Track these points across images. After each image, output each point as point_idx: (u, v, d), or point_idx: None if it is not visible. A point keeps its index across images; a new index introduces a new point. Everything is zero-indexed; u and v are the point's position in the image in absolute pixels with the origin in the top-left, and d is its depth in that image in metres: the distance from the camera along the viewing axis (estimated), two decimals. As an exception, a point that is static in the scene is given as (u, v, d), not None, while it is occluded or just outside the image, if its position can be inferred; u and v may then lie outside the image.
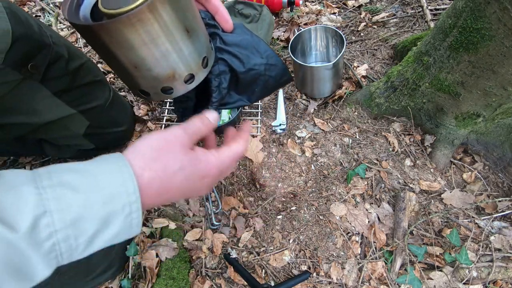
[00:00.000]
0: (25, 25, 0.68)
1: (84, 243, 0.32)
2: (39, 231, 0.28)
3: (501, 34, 0.71)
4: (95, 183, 0.32)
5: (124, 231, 0.34)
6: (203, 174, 0.40)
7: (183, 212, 1.04)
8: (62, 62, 0.79)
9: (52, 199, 0.29)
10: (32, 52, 0.70)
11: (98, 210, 0.31)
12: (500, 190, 1.02)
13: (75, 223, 0.30)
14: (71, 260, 0.33)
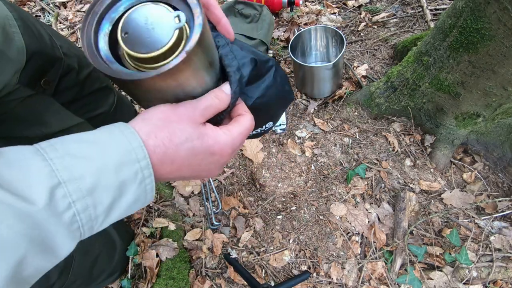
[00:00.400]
0: (37, 38, 0.65)
1: (104, 213, 0.32)
2: (57, 203, 0.28)
3: (501, 34, 0.71)
4: (103, 151, 0.31)
5: (140, 198, 0.34)
6: (212, 150, 0.38)
7: (183, 212, 1.04)
8: (73, 74, 0.77)
9: (63, 170, 0.29)
10: (45, 68, 0.68)
11: (112, 178, 0.31)
12: (500, 190, 1.02)
13: (91, 192, 0.30)
14: (92, 232, 0.32)
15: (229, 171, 1.10)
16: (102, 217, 0.32)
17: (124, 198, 0.33)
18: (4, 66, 0.56)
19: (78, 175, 0.29)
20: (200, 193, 1.07)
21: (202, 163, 0.38)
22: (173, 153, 0.35)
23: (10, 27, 0.57)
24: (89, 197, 0.30)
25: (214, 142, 0.38)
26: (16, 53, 0.58)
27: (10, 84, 0.59)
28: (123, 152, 0.32)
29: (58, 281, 0.65)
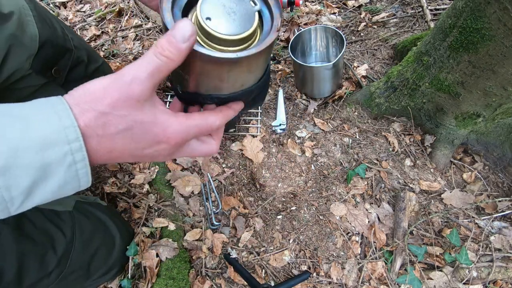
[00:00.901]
0: (50, 28, 0.68)
1: (21, 195, 0.29)
2: None
3: (501, 34, 0.71)
4: (26, 127, 0.28)
5: (70, 182, 0.31)
6: (158, 139, 0.34)
7: (183, 212, 1.04)
8: (82, 66, 0.80)
9: None
10: (56, 57, 0.71)
11: (32, 158, 0.28)
12: (500, 190, 1.02)
13: (5, 172, 0.27)
14: (10, 214, 0.30)
15: (229, 171, 1.10)
16: (19, 199, 0.29)
17: (49, 181, 0.29)
18: (18, 50, 0.59)
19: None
20: (200, 193, 1.07)
21: (146, 151, 0.34)
22: (110, 143, 0.32)
23: (26, 16, 0.61)
24: (1, 177, 0.27)
25: (161, 130, 0.33)
26: (29, 39, 0.61)
27: (23, 69, 0.62)
28: (50, 130, 0.28)
29: (56, 270, 0.65)
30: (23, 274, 0.59)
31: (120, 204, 1.06)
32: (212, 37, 0.32)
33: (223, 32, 0.32)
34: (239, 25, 0.33)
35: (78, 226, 0.73)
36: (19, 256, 0.58)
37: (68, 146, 0.29)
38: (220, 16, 0.32)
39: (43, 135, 0.28)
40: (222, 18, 0.32)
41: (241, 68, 0.35)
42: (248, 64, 0.35)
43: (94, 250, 0.78)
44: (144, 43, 1.54)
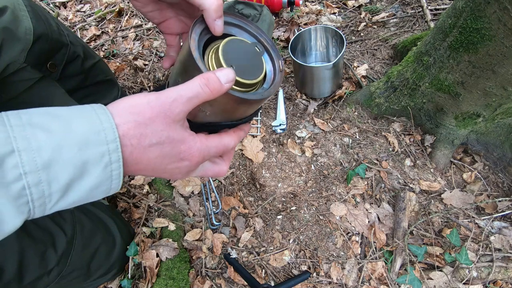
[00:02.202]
0: (45, 23, 0.69)
1: (59, 191, 0.29)
2: (6, 172, 0.26)
3: (501, 34, 0.71)
4: (69, 127, 0.29)
5: (104, 183, 0.32)
6: (183, 156, 0.36)
7: (183, 212, 1.04)
8: (78, 61, 0.80)
9: (21, 138, 0.27)
10: (51, 51, 0.72)
11: (73, 155, 0.29)
12: (500, 190, 1.02)
13: (47, 167, 0.28)
14: (45, 212, 0.30)
15: (229, 171, 1.10)
16: (57, 196, 0.30)
17: (85, 179, 0.30)
18: (12, 43, 0.60)
19: (35, 147, 0.27)
20: (200, 193, 1.07)
21: (168, 167, 0.37)
22: (140, 155, 0.34)
23: (20, 11, 0.62)
24: (44, 171, 0.28)
25: (187, 148, 0.36)
26: (23, 33, 0.62)
27: (17, 62, 0.62)
28: (91, 130, 0.30)
29: (56, 268, 0.66)
30: (24, 271, 0.59)
31: (120, 204, 1.06)
32: (236, 82, 0.38)
33: (245, 78, 0.39)
34: (253, 70, 0.40)
35: (79, 225, 0.73)
36: (20, 253, 0.59)
37: (106, 146, 0.30)
38: (239, 63, 0.39)
39: (84, 134, 0.30)
40: (240, 65, 0.39)
41: (258, 104, 0.42)
42: (261, 102, 0.41)
43: (95, 249, 0.78)
44: (144, 43, 1.54)
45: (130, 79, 1.36)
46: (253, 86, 0.41)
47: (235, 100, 0.38)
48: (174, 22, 0.51)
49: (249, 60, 0.40)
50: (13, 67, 0.62)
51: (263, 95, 0.40)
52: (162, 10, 0.49)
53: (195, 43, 0.39)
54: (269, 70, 0.44)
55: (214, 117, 0.42)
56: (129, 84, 1.34)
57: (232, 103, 0.39)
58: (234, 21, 0.45)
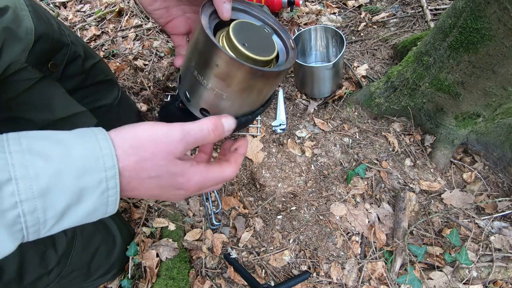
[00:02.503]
0: (46, 23, 0.69)
1: (54, 218, 0.30)
2: (2, 199, 0.26)
3: (501, 34, 0.71)
4: (68, 153, 0.30)
5: (100, 208, 0.32)
6: (180, 187, 0.38)
7: (183, 212, 1.04)
8: (79, 61, 0.80)
9: (19, 166, 0.27)
10: (52, 51, 0.71)
11: (71, 182, 0.29)
12: (500, 190, 1.02)
13: (44, 194, 0.28)
14: (39, 236, 0.30)
15: (229, 171, 1.10)
16: (51, 222, 0.30)
17: (81, 206, 0.31)
18: (13, 43, 0.60)
19: (33, 174, 0.28)
20: (200, 193, 1.07)
21: (165, 194, 0.38)
22: (137, 185, 0.34)
23: (21, 11, 0.62)
24: (40, 199, 0.28)
25: (185, 180, 0.37)
26: (24, 32, 0.62)
27: (18, 62, 0.62)
28: (90, 157, 0.30)
29: (56, 268, 0.66)
30: (24, 271, 0.59)
31: (120, 204, 1.06)
32: (251, 59, 0.39)
33: (259, 55, 0.39)
34: (266, 48, 0.40)
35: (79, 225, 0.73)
36: (20, 253, 0.59)
37: (104, 173, 0.31)
38: (250, 42, 0.39)
39: (83, 161, 0.30)
40: (252, 44, 0.39)
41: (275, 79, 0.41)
42: (278, 79, 0.42)
43: (95, 249, 0.78)
44: (144, 43, 1.54)
45: (130, 79, 1.36)
46: (268, 63, 0.41)
47: (253, 73, 0.38)
48: (180, 21, 0.52)
49: (260, 40, 0.41)
50: (14, 67, 0.62)
51: (279, 68, 0.40)
52: (169, 8, 0.49)
53: (206, 22, 0.39)
54: (281, 49, 0.45)
55: (231, 102, 0.42)
56: (129, 84, 1.34)
57: (250, 77, 0.38)
58: (241, 6, 0.45)
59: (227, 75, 0.38)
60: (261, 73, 0.38)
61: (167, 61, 1.44)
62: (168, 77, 1.35)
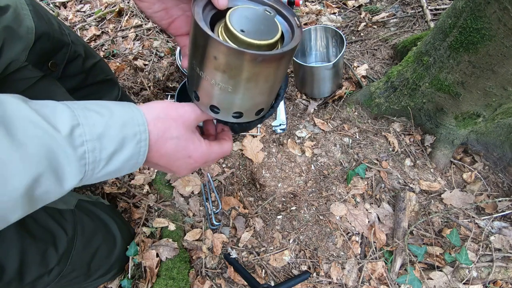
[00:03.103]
0: (47, 23, 0.69)
1: (105, 159, 0.38)
2: (75, 138, 0.35)
3: (501, 34, 0.71)
4: (112, 112, 0.39)
5: (134, 156, 0.40)
6: (190, 154, 0.46)
7: (183, 212, 1.04)
8: (79, 60, 0.81)
9: (82, 116, 0.36)
10: (52, 50, 0.72)
11: (117, 132, 0.38)
12: (500, 190, 1.02)
13: (100, 138, 0.37)
14: (92, 176, 0.38)
15: (229, 171, 1.10)
16: (103, 163, 0.38)
17: (123, 151, 0.39)
18: (13, 41, 0.61)
19: (92, 123, 0.37)
20: (200, 193, 1.07)
21: (177, 162, 0.46)
22: (162, 143, 0.43)
23: (22, 10, 0.63)
24: (98, 141, 0.36)
25: (195, 148, 0.46)
26: (25, 31, 0.63)
27: (18, 60, 0.63)
28: (127, 116, 0.40)
29: (57, 267, 0.66)
30: (24, 270, 0.59)
31: (120, 204, 1.06)
32: (251, 45, 0.37)
33: (260, 39, 0.37)
34: (267, 32, 0.38)
35: (79, 224, 0.73)
36: (21, 252, 0.59)
37: (138, 127, 0.40)
38: (250, 27, 0.38)
39: (123, 118, 0.39)
40: (253, 29, 0.38)
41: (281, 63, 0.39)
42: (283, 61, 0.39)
43: (95, 249, 0.78)
44: (144, 43, 1.54)
45: (130, 79, 1.36)
46: (272, 47, 0.39)
47: (253, 59, 0.36)
48: (182, 21, 0.51)
49: (261, 24, 0.39)
50: (14, 66, 0.62)
51: (283, 49, 0.38)
52: (168, 9, 0.49)
53: (199, 14, 0.38)
54: (286, 30, 0.42)
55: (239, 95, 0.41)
56: (129, 84, 1.34)
57: (251, 65, 0.36)
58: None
59: (227, 66, 0.37)
60: (261, 58, 0.36)
61: (167, 61, 1.44)
62: (168, 77, 1.35)
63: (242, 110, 0.45)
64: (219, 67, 0.37)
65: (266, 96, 0.44)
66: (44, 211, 0.67)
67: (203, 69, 0.39)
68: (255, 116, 0.47)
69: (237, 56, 0.36)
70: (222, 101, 0.43)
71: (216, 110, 0.45)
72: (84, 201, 0.81)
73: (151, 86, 1.31)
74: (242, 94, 0.41)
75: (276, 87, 0.44)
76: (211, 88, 0.41)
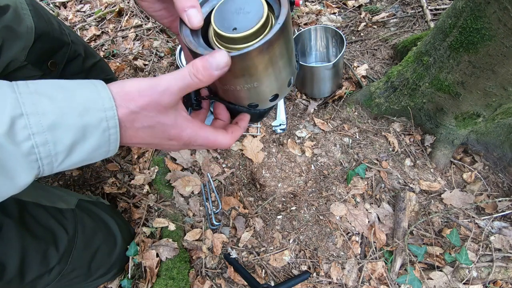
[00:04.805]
0: (47, 22, 0.70)
1: (64, 152, 0.33)
2: (17, 132, 0.30)
3: (501, 34, 0.71)
4: (71, 96, 0.33)
5: (103, 145, 0.35)
6: (172, 137, 0.40)
7: (183, 212, 1.04)
8: (79, 60, 0.81)
9: (29, 104, 0.31)
10: (52, 50, 0.72)
11: (74, 120, 0.32)
12: (500, 190, 1.02)
13: (52, 129, 0.31)
14: (53, 170, 0.34)
15: (229, 171, 1.10)
16: (62, 156, 0.33)
17: (86, 141, 0.34)
18: (13, 41, 0.61)
19: (41, 111, 0.31)
20: (200, 193, 1.07)
21: (159, 142, 0.41)
22: (133, 133, 0.38)
23: (22, 9, 0.63)
24: (49, 133, 0.31)
25: (177, 132, 0.40)
26: (25, 31, 0.63)
27: (18, 60, 0.63)
28: (90, 98, 0.34)
29: (57, 266, 0.66)
30: (25, 269, 0.59)
31: (120, 204, 1.06)
32: (248, 37, 0.36)
33: (251, 28, 0.35)
34: (256, 13, 0.36)
35: (80, 224, 0.73)
36: (22, 251, 0.59)
37: (104, 113, 0.34)
38: (238, 20, 0.36)
39: (84, 102, 0.33)
40: (241, 20, 0.36)
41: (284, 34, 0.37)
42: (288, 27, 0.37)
43: (95, 248, 0.78)
44: (144, 43, 1.54)
45: (130, 79, 1.36)
46: (266, 24, 0.37)
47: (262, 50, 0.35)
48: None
49: (246, 10, 0.36)
50: (13, 65, 0.62)
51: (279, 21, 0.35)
52: (169, 8, 0.49)
53: (188, 38, 0.38)
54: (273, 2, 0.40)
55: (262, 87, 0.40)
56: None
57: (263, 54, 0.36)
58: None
59: (242, 70, 0.37)
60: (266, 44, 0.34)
61: (167, 61, 1.44)
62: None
63: (278, 90, 0.44)
64: (236, 74, 0.37)
65: (289, 65, 0.43)
66: (45, 210, 0.67)
67: (225, 83, 0.39)
68: (288, 88, 0.47)
69: (245, 58, 0.35)
70: (257, 95, 0.42)
71: (255, 105, 0.44)
72: (84, 200, 0.82)
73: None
74: (270, 79, 0.40)
75: (292, 50, 0.42)
76: (241, 93, 0.41)
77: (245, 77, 0.38)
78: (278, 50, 0.37)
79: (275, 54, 0.37)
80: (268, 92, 0.43)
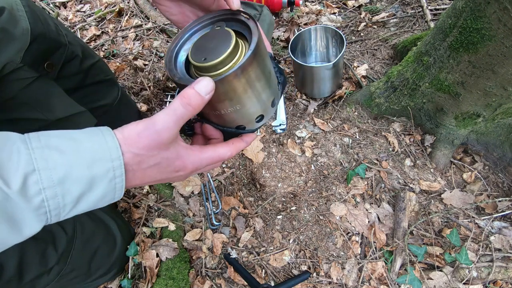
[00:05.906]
0: (43, 24, 0.69)
1: (71, 203, 0.34)
2: (29, 187, 0.31)
3: (501, 34, 0.71)
4: (79, 147, 0.34)
5: (109, 194, 0.37)
6: (178, 169, 0.42)
7: (183, 212, 1.04)
8: (76, 61, 0.80)
9: (40, 159, 0.32)
10: (48, 51, 0.72)
11: (83, 172, 0.34)
12: (500, 190, 1.02)
13: (62, 182, 0.33)
14: (59, 219, 0.35)
15: (229, 171, 1.10)
16: (69, 207, 0.34)
17: (93, 192, 0.35)
18: (8, 43, 0.61)
19: (52, 166, 0.32)
20: (200, 193, 1.07)
21: (167, 176, 0.43)
22: (141, 174, 0.39)
23: (17, 11, 0.62)
24: (59, 186, 0.33)
25: (181, 162, 0.42)
26: (21, 33, 0.62)
27: (14, 62, 0.63)
28: (98, 149, 0.35)
29: (56, 267, 0.66)
30: (24, 269, 0.59)
31: (120, 204, 1.06)
32: (219, 65, 0.38)
33: (221, 56, 0.38)
34: (225, 42, 0.39)
35: (79, 224, 0.73)
36: (20, 251, 0.59)
37: (111, 163, 0.35)
38: (209, 51, 0.39)
39: (92, 154, 0.35)
40: (212, 50, 0.39)
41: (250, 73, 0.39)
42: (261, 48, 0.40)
43: (95, 249, 0.78)
44: (144, 43, 1.54)
45: (130, 79, 1.36)
46: (236, 49, 0.39)
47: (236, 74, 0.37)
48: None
49: (217, 41, 0.40)
50: (9, 67, 0.62)
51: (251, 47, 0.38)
52: (185, 12, 0.50)
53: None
54: (242, 29, 0.43)
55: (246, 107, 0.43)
56: (129, 84, 1.34)
57: (239, 77, 0.38)
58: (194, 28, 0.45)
59: (223, 95, 0.39)
60: (240, 68, 0.37)
61: (167, 61, 1.44)
62: (168, 77, 1.35)
63: (262, 111, 0.46)
64: (219, 98, 0.40)
65: (268, 87, 0.45)
66: None
67: (210, 108, 0.42)
68: (272, 109, 0.49)
69: (224, 82, 0.38)
70: (242, 118, 0.44)
71: (243, 127, 0.46)
72: None
73: (151, 86, 1.31)
74: (251, 101, 0.43)
75: (270, 73, 0.45)
76: (226, 116, 0.43)
77: (227, 100, 0.40)
78: (253, 74, 0.40)
79: (251, 78, 0.40)
80: (252, 113, 0.45)
